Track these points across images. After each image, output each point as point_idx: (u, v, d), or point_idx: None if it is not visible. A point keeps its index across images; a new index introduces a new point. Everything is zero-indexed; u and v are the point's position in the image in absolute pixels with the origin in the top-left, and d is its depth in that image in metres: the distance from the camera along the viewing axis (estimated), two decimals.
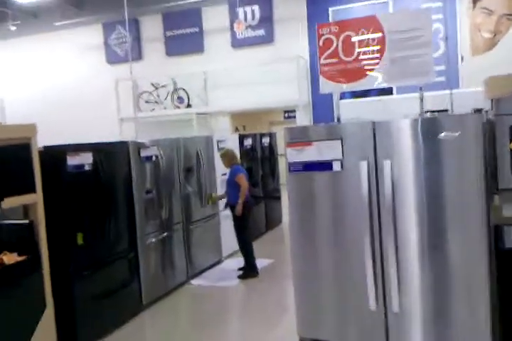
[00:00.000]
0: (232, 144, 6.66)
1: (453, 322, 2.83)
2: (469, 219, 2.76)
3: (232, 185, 5.47)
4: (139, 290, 4.54)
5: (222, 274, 5.68)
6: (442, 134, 2.68)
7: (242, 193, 5.29)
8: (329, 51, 3.49)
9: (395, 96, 11.21)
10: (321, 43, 3.61)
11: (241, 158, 6.88)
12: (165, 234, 4.99)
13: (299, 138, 2.88)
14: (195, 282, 5.38)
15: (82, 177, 3.92)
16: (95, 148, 4.07)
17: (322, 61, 3.57)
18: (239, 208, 5.29)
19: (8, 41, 13.79)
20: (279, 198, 8.41)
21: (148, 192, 4.78)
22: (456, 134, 2.63)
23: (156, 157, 4.90)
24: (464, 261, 2.80)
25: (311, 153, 2.84)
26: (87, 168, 3.95)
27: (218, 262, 6.10)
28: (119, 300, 4.28)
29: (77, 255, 3.84)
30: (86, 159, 3.94)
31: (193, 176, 5.64)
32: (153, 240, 4.79)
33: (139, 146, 4.66)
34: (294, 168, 2.89)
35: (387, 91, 11.47)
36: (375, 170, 2.84)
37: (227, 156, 5.63)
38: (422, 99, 3.50)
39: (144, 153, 4.71)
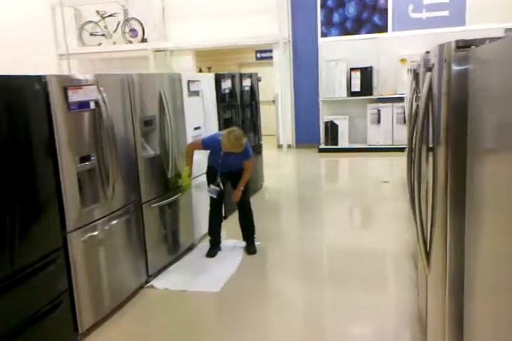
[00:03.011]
0: (207, 87, 4.89)
1: None
2: None
3: (236, 164, 4.25)
4: (71, 314, 2.91)
5: (196, 266, 4.11)
6: None
7: (245, 180, 4.26)
8: None
9: (390, 33, 9.49)
10: None
11: (218, 106, 5.15)
12: (113, 221, 3.30)
13: None
14: (158, 284, 3.77)
15: None
16: None
17: None
18: (238, 194, 4.27)
19: None
20: (259, 153, 6.75)
21: (85, 160, 3.03)
22: None
23: (97, 103, 3.10)
24: None
25: None
26: None
27: (190, 248, 4.52)
28: (38, 335, 2.65)
29: None
30: None
31: (154, 132, 3.89)
32: (95, 233, 3.10)
33: (66, 85, 2.83)
34: None
35: (381, 28, 9.72)
36: None
37: (241, 139, 3.97)
38: None
39: (74, 97, 2.89)
